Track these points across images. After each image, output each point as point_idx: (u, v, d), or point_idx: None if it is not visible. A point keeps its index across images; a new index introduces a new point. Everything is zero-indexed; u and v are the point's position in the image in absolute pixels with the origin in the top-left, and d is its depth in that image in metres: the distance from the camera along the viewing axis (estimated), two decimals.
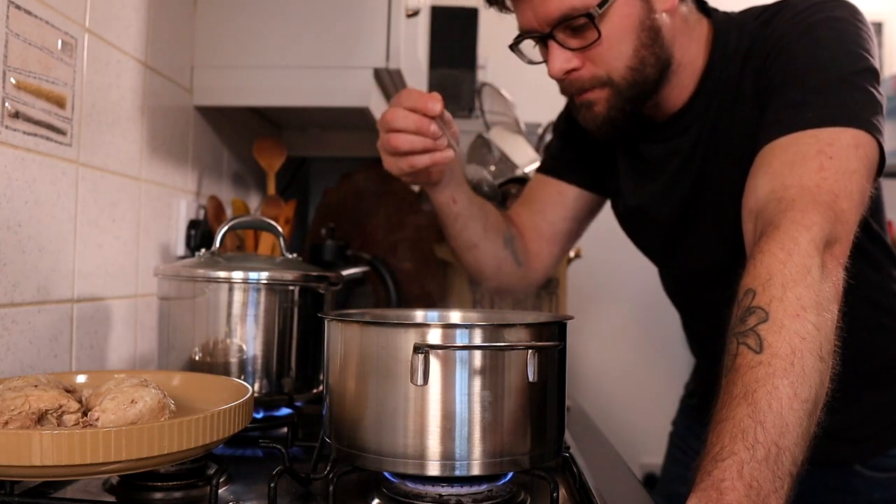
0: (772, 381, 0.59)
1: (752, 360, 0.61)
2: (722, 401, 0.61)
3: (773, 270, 0.66)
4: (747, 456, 0.55)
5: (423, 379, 0.65)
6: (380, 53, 1.24)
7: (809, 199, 0.70)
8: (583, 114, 0.91)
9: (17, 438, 0.54)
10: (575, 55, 0.85)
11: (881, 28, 2.56)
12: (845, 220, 0.71)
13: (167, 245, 1.23)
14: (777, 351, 0.61)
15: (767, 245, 0.69)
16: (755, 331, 0.63)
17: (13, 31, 0.81)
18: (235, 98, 1.28)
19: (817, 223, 0.69)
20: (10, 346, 0.83)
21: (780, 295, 0.64)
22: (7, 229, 0.83)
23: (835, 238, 0.69)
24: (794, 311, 0.63)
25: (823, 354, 0.62)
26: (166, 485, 0.70)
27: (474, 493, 0.69)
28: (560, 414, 0.73)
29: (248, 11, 1.25)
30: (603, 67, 0.86)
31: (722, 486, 0.54)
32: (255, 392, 0.87)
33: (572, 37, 0.84)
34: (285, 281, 0.93)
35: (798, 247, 0.67)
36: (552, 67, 0.87)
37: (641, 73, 0.86)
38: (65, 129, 0.92)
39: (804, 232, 0.68)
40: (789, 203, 0.71)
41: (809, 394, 0.60)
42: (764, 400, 0.58)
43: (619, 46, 0.84)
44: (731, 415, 0.59)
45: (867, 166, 0.74)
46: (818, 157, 0.73)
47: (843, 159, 0.73)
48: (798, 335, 0.62)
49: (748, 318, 0.64)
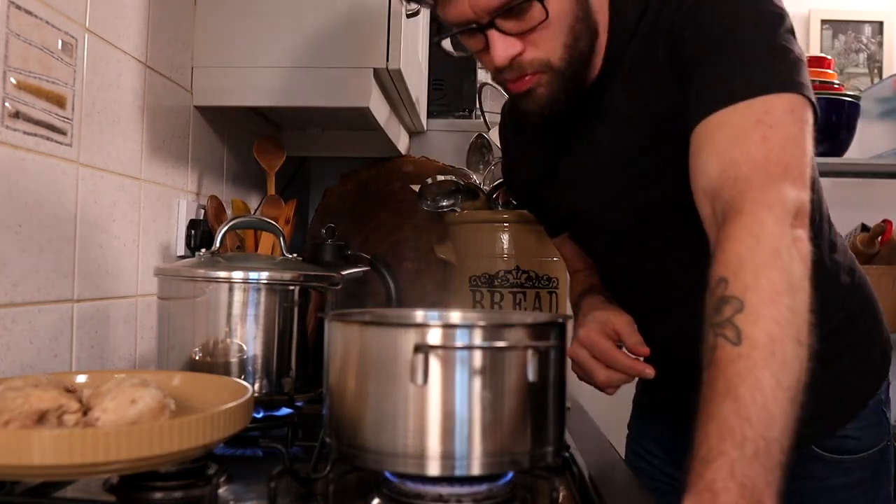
0: (753, 374, 0.59)
1: (732, 353, 0.61)
2: (705, 398, 0.60)
3: (742, 256, 0.66)
4: (737, 454, 0.55)
5: (423, 379, 0.65)
6: (380, 53, 1.24)
7: (764, 175, 0.70)
8: (521, 100, 0.88)
9: (17, 438, 0.54)
10: (517, 40, 0.82)
11: (881, 28, 2.56)
12: (801, 187, 0.71)
13: (167, 245, 1.23)
14: (756, 342, 0.61)
15: (734, 230, 0.68)
16: (732, 321, 0.62)
17: (13, 31, 0.81)
18: (235, 98, 1.28)
19: (778, 200, 0.68)
20: (11, 346, 0.83)
21: (753, 282, 0.64)
22: (7, 229, 0.83)
23: (796, 209, 0.69)
24: (769, 297, 0.63)
25: (801, 338, 0.62)
26: (166, 485, 0.70)
27: (474, 493, 0.69)
28: (560, 414, 0.73)
29: (248, 11, 1.25)
30: (543, 50, 0.83)
31: (715, 488, 0.54)
32: (255, 392, 0.87)
33: (513, 21, 0.81)
34: (285, 281, 0.93)
35: (765, 229, 0.67)
36: (497, 56, 0.82)
37: (576, 49, 0.84)
38: (65, 129, 0.92)
39: (767, 211, 0.68)
40: (745, 182, 0.70)
41: (791, 381, 0.60)
42: (748, 395, 0.58)
43: (561, 24, 0.82)
44: (715, 413, 0.58)
45: (806, 128, 0.74)
46: (758, 127, 0.72)
47: (783, 126, 0.73)
48: (775, 322, 0.62)
49: (723, 307, 0.64)
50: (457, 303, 1.39)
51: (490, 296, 1.36)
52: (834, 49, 2.55)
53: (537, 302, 1.37)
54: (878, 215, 2.10)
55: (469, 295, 1.37)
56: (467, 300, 1.37)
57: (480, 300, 1.36)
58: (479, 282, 1.37)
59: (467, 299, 1.37)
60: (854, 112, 2.07)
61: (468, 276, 1.37)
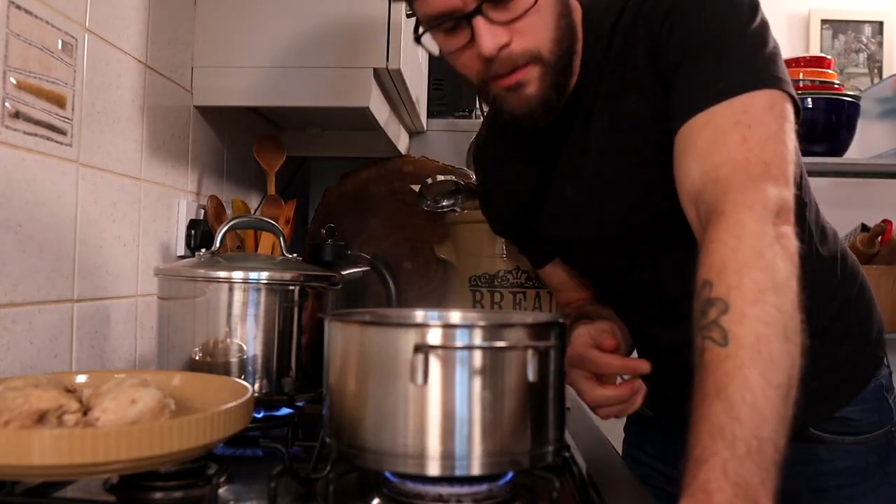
0: (742, 373, 0.59)
1: (719, 354, 0.61)
2: (696, 400, 0.60)
3: (725, 258, 0.65)
4: (729, 454, 0.55)
5: (423, 379, 0.65)
6: (380, 53, 1.24)
7: (744, 176, 0.70)
8: (510, 99, 0.85)
9: (17, 438, 0.54)
10: (504, 29, 0.80)
11: (881, 28, 2.56)
12: (783, 185, 0.70)
13: (167, 245, 1.23)
14: (742, 341, 0.60)
15: (716, 233, 0.68)
16: (718, 323, 0.62)
17: (13, 31, 0.81)
18: (235, 98, 1.28)
19: (759, 200, 0.68)
20: (11, 346, 0.83)
21: (737, 283, 0.63)
22: (7, 229, 0.83)
23: (778, 207, 0.69)
24: (754, 297, 0.62)
25: (789, 334, 0.62)
26: (166, 485, 0.70)
27: (474, 493, 0.69)
28: (560, 414, 0.73)
29: (248, 11, 1.25)
30: (532, 40, 0.81)
31: (709, 488, 0.54)
32: (255, 392, 0.87)
33: (500, 9, 0.79)
34: (285, 281, 0.93)
35: (746, 229, 0.66)
36: (485, 45, 0.79)
37: (564, 45, 0.83)
38: (65, 129, 0.92)
39: (748, 212, 0.67)
40: (725, 184, 0.70)
41: (781, 378, 0.59)
42: (737, 394, 0.58)
43: (547, 14, 0.81)
44: (706, 413, 0.58)
45: (786, 124, 0.74)
46: (737, 128, 0.72)
47: (762, 124, 0.72)
48: (761, 321, 0.61)
49: (709, 310, 0.64)
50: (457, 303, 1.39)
51: (490, 296, 1.36)
52: (834, 49, 2.55)
53: (537, 302, 1.37)
54: (878, 215, 2.10)
55: (469, 295, 1.37)
56: (467, 300, 1.37)
57: (480, 300, 1.36)
58: (479, 282, 1.37)
59: (467, 299, 1.37)
60: (854, 112, 2.07)
61: (468, 276, 1.37)
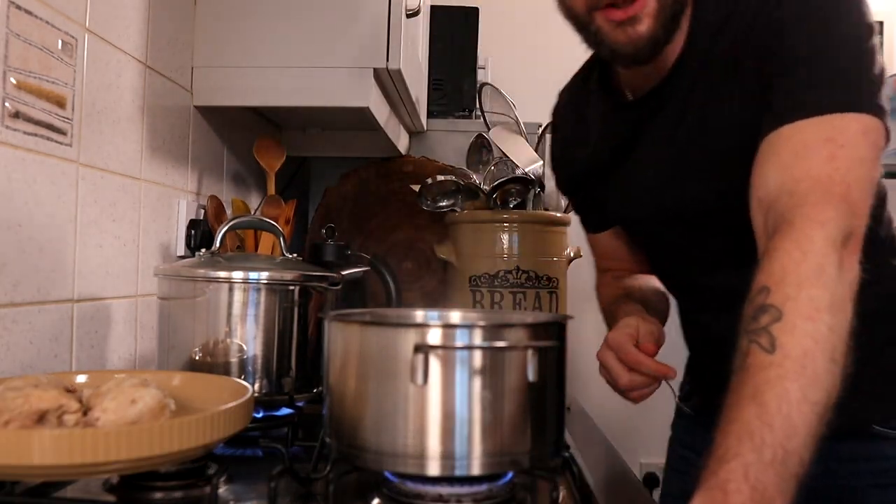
0: (782, 384, 0.58)
1: (764, 361, 0.60)
2: (730, 401, 0.60)
3: (787, 269, 0.65)
4: (753, 458, 0.55)
5: (423, 379, 0.65)
6: (380, 53, 1.24)
7: (822, 192, 0.69)
8: (617, 34, 0.82)
9: (17, 438, 0.54)
10: None
11: (881, 28, 2.56)
12: (858, 212, 0.70)
13: (167, 245, 1.23)
14: (789, 352, 0.60)
15: (782, 242, 0.67)
16: (768, 330, 0.62)
17: (13, 31, 0.81)
18: (235, 98, 1.28)
19: (832, 219, 0.67)
20: (10, 346, 0.83)
21: (795, 294, 0.63)
22: (7, 229, 0.83)
23: (850, 232, 0.68)
24: (808, 313, 0.62)
25: (836, 356, 0.61)
26: (166, 485, 0.70)
27: (474, 493, 0.69)
28: (560, 414, 0.73)
29: (248, 11, 1.25)
30: None
31: (727, 488, 0.53)
32: (255, 392, 0.87)
33: None
34: (285, 281, 0.93)
35: (814, 245, 0.66)
36: None
37: None
38: (65, 129, 0.92)
39: (819, 229, 0.67)
40: (802, 197, 0.69)
41: (820, 397, 0.59)
42: (773, 402, 0.58)
43: None
44: (739, 416, 0.58)
45: (876, 153, 0.73)
46: (827, 145, 0.71)
47: (854, 147, 0.71)
48: (811, 337, 0.61)
49: (761, 316, 0.63)
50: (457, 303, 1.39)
51: (490, 296, 1.36)
52: None
53: (537, 302, 1.37)
54: None
55: (469, 295, 1.37)
56: (467, 300, 1.37)
57: (480, 300, 1.37)
58: (479, 282, 1.37)
59: (467, 299, 1.37)
60: None
61: (468, 276, 1.37)
